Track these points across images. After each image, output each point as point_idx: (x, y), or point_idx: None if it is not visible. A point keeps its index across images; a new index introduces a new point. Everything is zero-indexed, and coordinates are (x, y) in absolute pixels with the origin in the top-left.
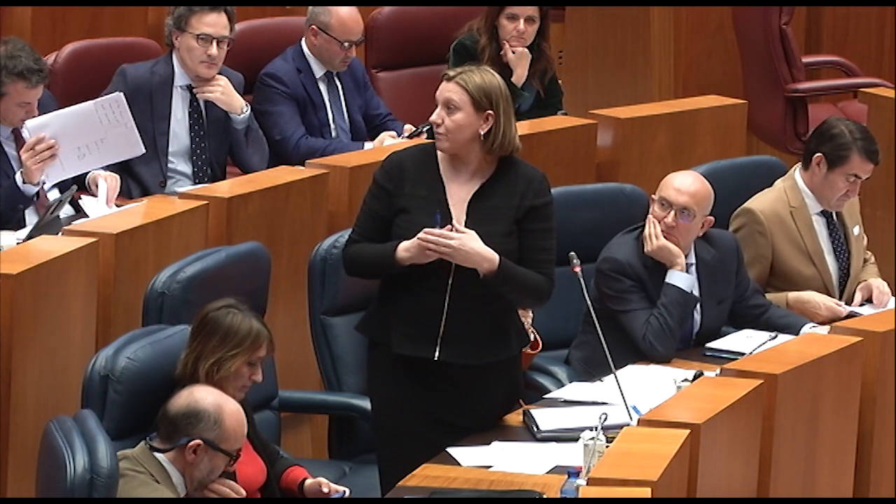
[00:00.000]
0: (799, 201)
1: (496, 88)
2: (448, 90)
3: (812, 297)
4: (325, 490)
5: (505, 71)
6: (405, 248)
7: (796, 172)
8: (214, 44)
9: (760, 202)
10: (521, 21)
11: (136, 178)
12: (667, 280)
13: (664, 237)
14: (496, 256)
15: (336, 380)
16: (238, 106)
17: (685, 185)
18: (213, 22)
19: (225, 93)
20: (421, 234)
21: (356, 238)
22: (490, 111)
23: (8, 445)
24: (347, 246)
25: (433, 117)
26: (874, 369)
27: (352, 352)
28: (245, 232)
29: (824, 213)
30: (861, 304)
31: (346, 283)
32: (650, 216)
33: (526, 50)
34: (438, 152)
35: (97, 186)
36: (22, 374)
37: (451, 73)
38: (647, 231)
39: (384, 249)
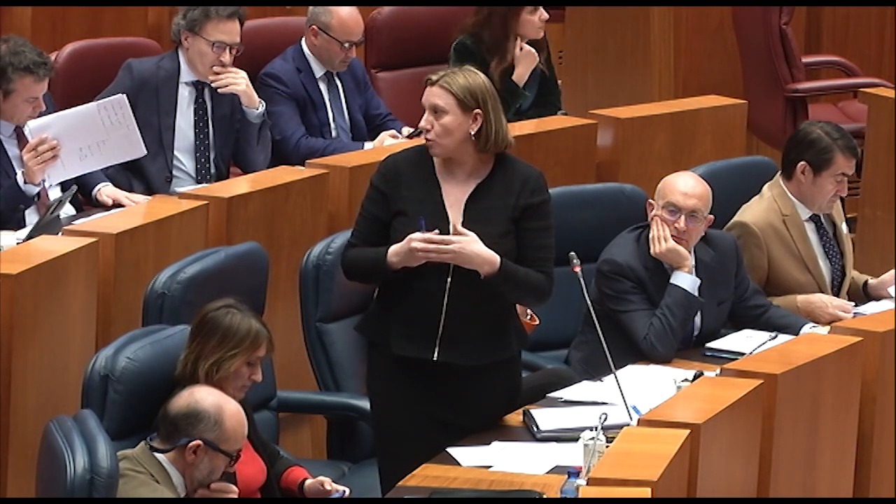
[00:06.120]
0: (790, 209)
1: (481, 87)
2: (433, 94)
3: (819, 297)
4: (327, 487)
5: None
6: (395, 253)
7: (781, 180)
8: (228, 51)
9: (753, 214)
10: (541, 10)
11: (140, 174)
12: (672, 281)
13: (673, 240)
14: (496, 258)
15: (334, 386)
16: (256, 100)
17: (690, 187)
18: (229, 30)
19: (248, 85)
20: (417, 243)
21: (354, 242)
22: (478, 110)
23: (8, 445)
24: (346, 250)
25: (422, 123)
26: (874, 369)
27: (349, 357)
28: (245, 232)
29: (812, 219)
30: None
31: (340, 289)
32: (657, 218)
33: (533, 50)
34: None
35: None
36: (22, 374)
37: (434, 77)
38: (653, 233)
39: (376, 254)
